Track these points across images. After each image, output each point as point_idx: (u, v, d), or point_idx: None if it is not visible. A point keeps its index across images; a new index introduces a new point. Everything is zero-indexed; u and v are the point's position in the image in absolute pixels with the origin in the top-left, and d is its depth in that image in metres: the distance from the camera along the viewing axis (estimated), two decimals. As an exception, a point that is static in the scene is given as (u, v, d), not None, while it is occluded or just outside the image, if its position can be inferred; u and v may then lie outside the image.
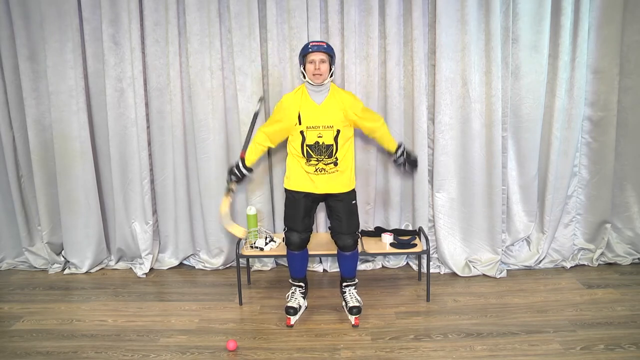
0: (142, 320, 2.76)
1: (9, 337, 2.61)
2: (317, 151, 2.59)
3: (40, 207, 3.42)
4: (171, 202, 3.40)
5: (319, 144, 2.59)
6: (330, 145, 2.59)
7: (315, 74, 2.52)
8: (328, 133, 2.58)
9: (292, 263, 2.78)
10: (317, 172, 2.62)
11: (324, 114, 2.59)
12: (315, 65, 2.51)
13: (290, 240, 2.68)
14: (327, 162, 2.61)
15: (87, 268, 3.45)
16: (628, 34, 3.07)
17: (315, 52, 2.52)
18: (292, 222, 2.69)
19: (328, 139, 2.58)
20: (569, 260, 3.35)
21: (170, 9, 3.08)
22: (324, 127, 2.58)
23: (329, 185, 2.64)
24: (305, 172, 2.64)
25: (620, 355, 2.30)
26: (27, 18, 3.17)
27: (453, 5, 2.99)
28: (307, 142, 2.59)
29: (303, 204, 2.66)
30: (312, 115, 2.59)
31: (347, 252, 2.70)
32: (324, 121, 2.58)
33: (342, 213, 2.66)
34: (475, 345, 2.42)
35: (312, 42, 2.58)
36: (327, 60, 2.54)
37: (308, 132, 2.58)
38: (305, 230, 2.69)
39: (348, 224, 2.66)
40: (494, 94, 3.05)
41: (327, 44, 2.56)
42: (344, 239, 2.66)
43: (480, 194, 3.21)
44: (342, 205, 2.66)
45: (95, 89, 3.28)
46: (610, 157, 3.22)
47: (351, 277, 2.80)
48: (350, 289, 2.79)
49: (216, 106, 3.19)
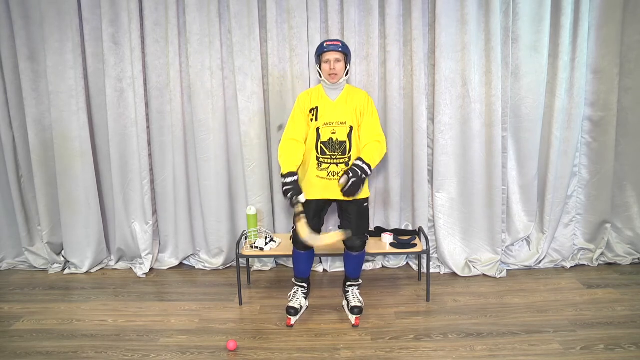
0: (142, 320, 2.76)
1: (9, 337, 2.61)
2: (330, 148, 2.59)
3: (40, 207, 3.42)
4: (171, 202, 3.40)
5: (333, 140, 2.59)
6: (343, 142, 2.59)
7: (331, 74, 2.54)
8: (341, 129, 2.59)
9: (297, 262, 2.78)
10: (329, 176, 2.60)
11: (338, 110, 2.60)
12: (330, 65, 2.53)
13: (297, 238, 2.66)
14: (340, 161, 2.59)
15: (87, 268, 3.45)
16: (628, 34, 3.07)
17: (330, 52, 2.52)
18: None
19: (341, 135, 2.59)
20: (569, 260, 3.35)
21: (170, 9, 3.08)
22: (337, 123, 2.59)
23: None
24: (317, 178, 2.62)
25: (620, 355, 2.30)
26: (27, 18, 3.17)
27: (453, 5, 2.99)
28: (322, 139, 2.60)
29: (314, 205, 2.65)
30: (327, 111, 2.60)
31: (354, 253, 2.71)
32: (337, 117, 2.59)
33: (353, 214, 2.65)
34: (475, 345, 2.42)
35: (328, 42, 2.56)
36: (343, 60, 2.55)
37: (323, 129, 2.59)
38: (313, 230, 2.66)
39: (358, 225, 2.67)
40: (494, 94, 3.05)
41: (342, 43, 2.55)
42: (353, 240, 2.67)
43: (480, 194, 3.21)
44: (354, 207, 2.65)
45: (95, 89, 3.28)
46: (610, 157, 3.22)
47: (355, 277, 2.81)
48: (353, 289, 2.80)
49: (216, 106, 3.19)
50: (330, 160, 2.60)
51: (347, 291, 2.81)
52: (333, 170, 2.60)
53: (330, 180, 2.61)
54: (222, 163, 3.27)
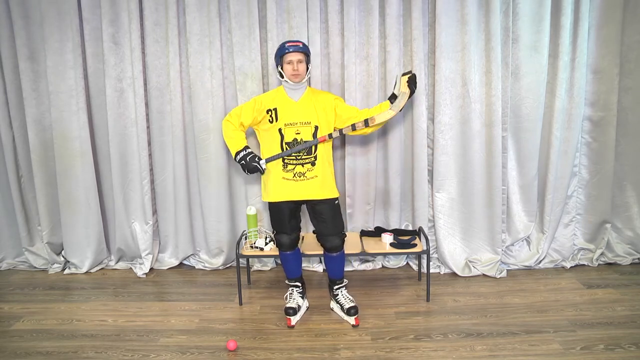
0: (142, 320, 2.76)
1: (9, 337, 2.61)
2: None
3: (40, 207, 3.43)
4: (171, 202, 3.40)
5: (297, 140, 2.59)
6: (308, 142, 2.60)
7: (294, 74, 2.55)
8: (306, 129, 2.59)
9: (285, 264, 2.80)
10: (295, 177, 2.60)
11: (301, 110, 2.61)
12: (293, 65, 2.54)
13: (280, 242, 2.72)
14: (306, 161, 2.59)
15: (87, 268, 3.45)
16: (628, 34, 3.07)
17: (292, 53, 2.53)
18: (279, 226, 2.72)
19: (306, 135, 2.59)
20: (569, 260, 3.35)
21: (170, 9, 3.08)
22: (301, 124, 2.59)
23: (310, 192, 2.62)
24: (283, 179, 2.62)
25: (620, 355, 2.30)
26: (27, 18, 3.17)
27: (453, 5, 2.99)
28: (286, 140, 2.60)
29: (287, 208, 2.67)
30: (290, 111, 2.60)
31: (334, 253, 2.71)
32: (301, 117, 2.59)
33: (326, 215, 2.66)
34: (475, 345, 2.42)
35: (289, 43, 2.56)
36: (304, 60, 2.57)
37: (286, 130, 2.59)
38: (293, 231, 2.72)
39: (334, 224, 2.67)
40: (494, 94, 3.05)
41: (303, 44, 2.57)
42: (332, 240, 2.68)
43: (480, 194, 3.21)
44: (326, 207, 2.65)
45: (95, 89, 3.28)
46: (610, 157, 3.22)
47: (340, 278, 2.82)
48: (342, 290, 2.80)
49: (216, 106, 3.19)
50: (295, 161, 2.60)
51: (336, 294, 2.80)
52: (299, 171, 2.60)
53: (296, 182, 2.61)
54: (222, 163, 3.27)
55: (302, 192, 2.62)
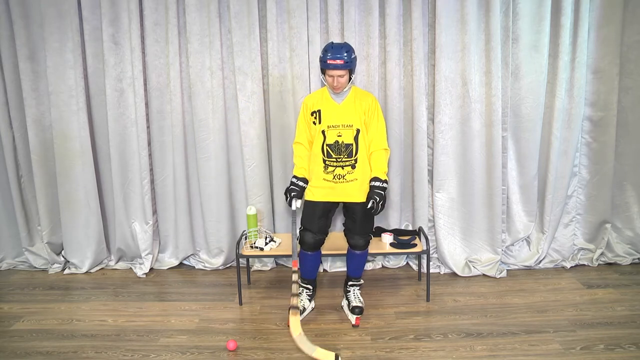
0: (142, 320, 2.76)
1: (9, 337, 2.61)
2: (336, 151, 2.61)
3: (40, 207, 3.42)
4: (171, 202, 3.40)
5: (339, 143, 2.60)
6: (349, 145, 2.60)
7: (335, 86, 2.56)
8: (347, 132, 2.60)
9: (303, 263, 2.78)
10: (335, 179, 2.62)
11: (344, 113, 2.61)
12: (334, 80, 2.53)
13: (303, 239, 2.68)
14: (346, 164, 2.60)
15: (87, 268, 3.45)
16: (628, 34, 3.07)
17: (332, 70, 2.50)
18: (308, 222, 2.69)
19: (348, 138, 2.60)
20: (569, 260, 3.35)
21: (170, 9, 3.08)
22: (343, 126, 2.60)
23: (348, 194, 2.64)
24: (324, 181, 2.64)
25: (620, 355, 2.30)
26: (27, 18, 3.17)
27: (453, 5, 2.99)
28: (327, 142, 2.61)
29: (322, 205, 2.67)
30: (332, 114, 2.62)
31: (357, 251, 2.72)
32: (343, 120, 2.60)
33: (358, 215, 2.67)
34: (475, 345, 2.42)
35: (330, 59, 2.46)
36: (346, 73, 2.53)
37: (328, 132, 2.61)
38: (320, 232, 2.68)
39: (362, 225, 2.69)
40: (494, 94, 3.05)
41: (345, 61, 2.46)
42: (357, 238, 2.69)
43: (480, 194, 3.21)
44: (360, 208, 2.65)
45: (95, 89, 3.28)
46: (610, 157, 3.22)
47: (357, 277, 2.83)
48: (354, 289, 2.81)
49: (216, 106, 3.19)
50: (336, 163, 2.61)
51: (348, 291, 2.82)
52: (339, 173, 2.61)
53: (336, 183, 2.62)
54: (222, 163, 3.27)
55: (340, 194, 2.64)
